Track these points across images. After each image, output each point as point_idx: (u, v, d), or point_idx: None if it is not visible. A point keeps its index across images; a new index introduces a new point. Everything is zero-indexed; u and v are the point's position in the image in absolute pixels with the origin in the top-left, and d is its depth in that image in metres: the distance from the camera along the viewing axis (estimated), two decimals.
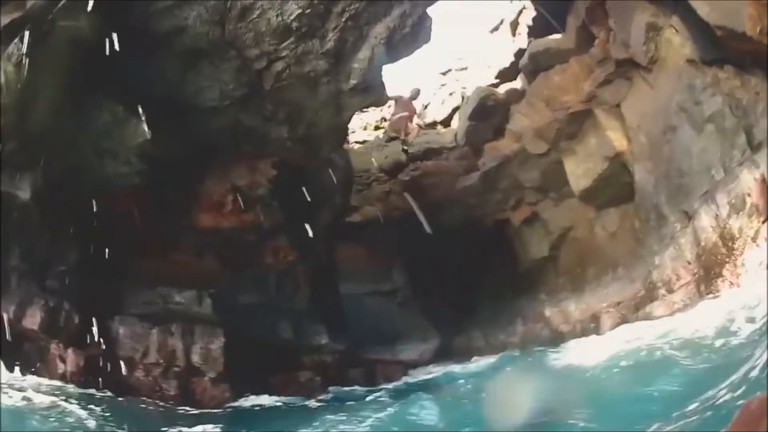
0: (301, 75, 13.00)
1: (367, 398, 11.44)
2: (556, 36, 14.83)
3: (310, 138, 14.32)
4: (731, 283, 9.45)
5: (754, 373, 5.43)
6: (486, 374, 12.17)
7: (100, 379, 9.87)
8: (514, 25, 17.51)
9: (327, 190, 15.78)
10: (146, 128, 10.94)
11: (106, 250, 10.25)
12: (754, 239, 9.11)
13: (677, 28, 10.86)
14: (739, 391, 5.20)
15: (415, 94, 18.77)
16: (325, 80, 13.43)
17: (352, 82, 13.55)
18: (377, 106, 16.90)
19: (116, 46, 9.76)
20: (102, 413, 8.50)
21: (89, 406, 8.57)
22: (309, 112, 13.92)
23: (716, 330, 7.77)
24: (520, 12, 17.12)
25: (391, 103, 16.92)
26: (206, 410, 10.35)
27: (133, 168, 11.20)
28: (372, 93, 14.29)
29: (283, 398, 11.62)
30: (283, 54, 12.71)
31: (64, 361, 9.69)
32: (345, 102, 14.03)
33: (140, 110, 10.92)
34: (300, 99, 13.58)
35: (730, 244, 9.65)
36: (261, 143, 13.70)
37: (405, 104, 15.20)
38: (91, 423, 8.05)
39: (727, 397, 5.27)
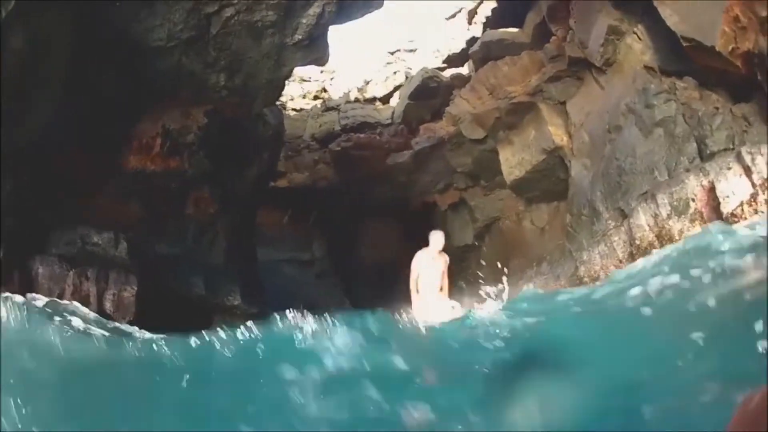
0: (249, 23, 12.71)
1: None
2: (513, 29, 14.86)
3: (246, 89, 13.93)
4: None
5: None
6: None
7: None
8: (472, 14, 17.48)
9: (256, 146, 15.25)
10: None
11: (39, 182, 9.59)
12: None
13: (641, 36, 11.03)
14: None
15: None
16: (271, 32, 13.14)
17: (297, 37, 13.37)
18: (318, 65, 16.44)
19: None
20: None
21: None
22: (249, 62, 13.55)
23: None
24: (480, 2, 17.07)
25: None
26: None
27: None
28: (314, 51, 14.06)
29: None
30: (235, 0, 12.29)
31: None
32: (286, 56, 13.78)
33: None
34: (243, 48, 13.20)
35: (667, 245, 9.88)
36: (198, 89, 13.23)
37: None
38: None
39: None
